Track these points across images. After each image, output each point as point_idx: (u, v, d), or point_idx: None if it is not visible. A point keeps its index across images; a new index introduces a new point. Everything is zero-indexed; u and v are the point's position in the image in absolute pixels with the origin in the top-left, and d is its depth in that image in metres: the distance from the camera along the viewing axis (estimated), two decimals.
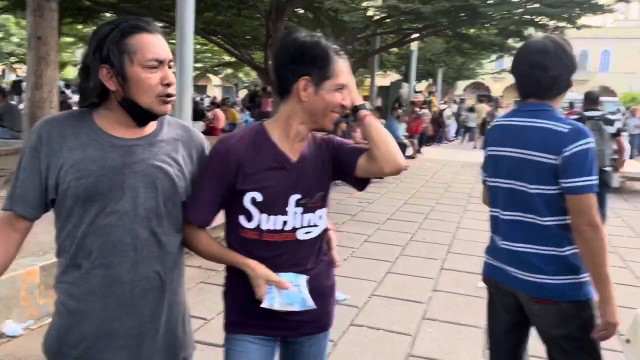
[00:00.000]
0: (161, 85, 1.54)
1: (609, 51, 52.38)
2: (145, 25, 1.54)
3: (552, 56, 2.01)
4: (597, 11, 12.66)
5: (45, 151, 1.53)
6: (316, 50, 1.67)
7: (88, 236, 1.54)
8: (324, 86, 1.67)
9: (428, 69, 26.47)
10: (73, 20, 13.91)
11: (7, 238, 1.58)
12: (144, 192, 1.56)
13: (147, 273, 1.59)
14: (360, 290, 4.65)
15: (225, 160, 1.67)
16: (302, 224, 1.73)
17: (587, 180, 1.90)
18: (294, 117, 1.72)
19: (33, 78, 6.68)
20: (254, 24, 15.09)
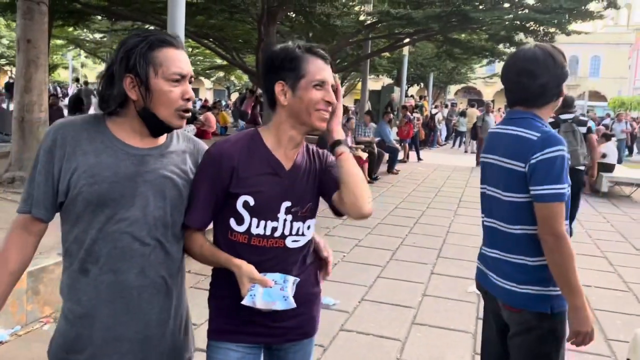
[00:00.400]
0: (182, 99, 1.59)
1: (599, 56, 52.85)
2: (172, 40, 1.60)
3: (540, 64, 2.00)
4: (586, 17, 12.77)
5: (59, 154, 1.56)
6: (283, 54, 1.70)
7: (97, 242, 1.57)
8: (300, 86, 1.68)
9: (419, 73, 26.59)
10: (64, 23, 13.86)
11: (24, 241, 1.62)
12: (154, 201, 1.61)
13: (154, 278, 1.63)
14: (350, 295, 4.65)
15: (219, 163, 1.68)
16: (291, 231, 1.74)
17: (553, 189, 1.86)
18: (283, 123, 1.73)
19: (22, 81, 6.65)
20: (246, 28, 15.13)
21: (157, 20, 12.88)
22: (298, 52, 1.70)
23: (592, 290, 5.17)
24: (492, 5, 12.16)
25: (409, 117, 15.49)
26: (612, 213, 9.50)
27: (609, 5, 12.12)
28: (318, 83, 1.68)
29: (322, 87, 1.69)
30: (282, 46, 1.74)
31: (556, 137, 1.92)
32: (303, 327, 1.82)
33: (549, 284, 1.95)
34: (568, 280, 1.87)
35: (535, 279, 1.98)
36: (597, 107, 36.46)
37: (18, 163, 6.85)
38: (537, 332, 1.99)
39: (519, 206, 1.98)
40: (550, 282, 1.95)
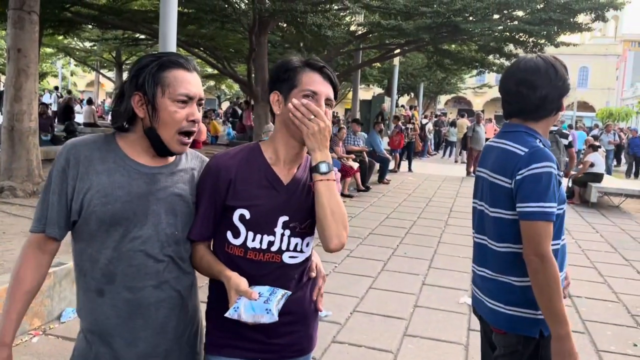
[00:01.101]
0: (186, 120, 1.61)
1: (587, 67, 53.48)
2: (184, 62, 1.63)
3: (542, 75, 1.90)
4: (575, 29, 12.94)
5: (72, 174, 1.59)
6: (282, 65, 1.73)
7: (112, 262, 1.60)
8: (291, 95, 1.68)
9: (410, 83, 26.75)
10: (54, 32, 13.81)
11: (39, 260, 1.63)
12: (165, 219, 1.64)
13: (170, 293, 1.66)
14: (342, 306, 4.64)
15: (216, 176, 1.69)
16: (288, 247, 1.72)
17: (538, 207, 1.76)
18: (279, 134, 1.74)
19: (12, 90, 6.61)
20: (237, 37, 15.17)
21: (148, 29, 12.88)
22: (295, 64, 1.71)
23: (582, 301, 5.19)
24: (482, 17, 12.28)
25: (400, 127, 15.56)
26: (601, 223, 9.56)
27: (597, 17, 12.28)
28: (308, 93, 1.67)
29: (314, 99, 1.67)
30: (284, 59, 1.76)
31: (544, 152, 1.82)
32: (298, 344, 1.80)
33: (536, 307, 1.83)
34: (552, 305, 1.75)
35: (523, 300, 1.87)
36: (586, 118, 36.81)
37: (7, 172, 6.79)
38: (520, 357, 1.89)
39: (505, 223, 1.89)
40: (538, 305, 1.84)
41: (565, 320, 1.75)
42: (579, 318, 4.77)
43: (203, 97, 1.67)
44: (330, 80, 1.72)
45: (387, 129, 17.51)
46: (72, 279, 3.95)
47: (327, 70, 1.73)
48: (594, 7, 11.97)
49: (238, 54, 16.81)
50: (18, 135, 6.72)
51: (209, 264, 1.71)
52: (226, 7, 11.35)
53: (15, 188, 6.62)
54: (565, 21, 12.26)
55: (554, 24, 12.26)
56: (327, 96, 1.70)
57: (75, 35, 17.55)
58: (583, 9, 11.95)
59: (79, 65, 35.04)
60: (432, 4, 11.95)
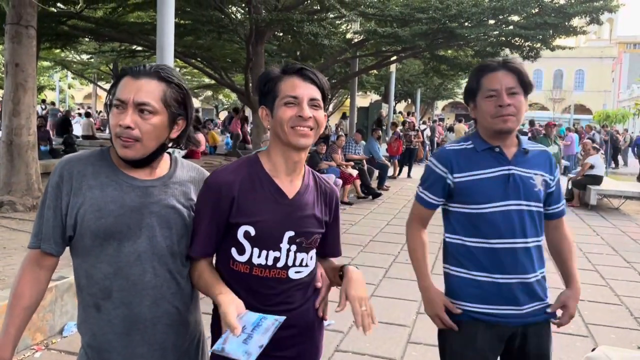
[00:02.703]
0: (117, 126, 1.56)
1: (583, 70, 53.64)
2: (132, 70, 1.60)
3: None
4: (570, 33, 12.99)
5: (66, 189, 1.59)
6: (262, 78, 1.71)
7: (108, 277, 1.59)
8: (275, 106, 1.66)
9: (407, 89, 26.82)
10: (51, 45, 13.83)
11: (37, 276, 1.63)
12: (160, 232, 1.62)
13: (167, 309, 1.64)
14: (344, 315, 4.60)
15: (218, 193, 1.65)
16: (294, 262, 1.70)
17: (417, 189, 2.21)
18: (273, 146, 1.72)
19: (11, 105, 6.62)
20: (234, 48, 15.19)
21: (144, 41, 12.91)
22: (272, 74, 1.68)
23: (585, 305, 5.18)
24: (477, 22, 12.33)
25: (399, 133, 15.58)
26: (601, 226, 9.56)
27: (592, 20, 12.33)
28: (288, 100, 1.63)
29: (295, 104, 1.63)
30: (264, 71, 1.74)
31: (435, 152, 2.21)
32: (304, 356, 1.78)
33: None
34: (414, 265, 2.24)
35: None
36: (583, 120, 36.87)
37: (6, 187, 6.79)
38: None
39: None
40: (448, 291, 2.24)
41: (422, 277, 2.21)
42: (582, 321, 4.76)
43: (144, 101, 1.56)
44: (312, 81, 1.66)
45: (385, 135, 17.54)
46: (73, 292, 3.93)
47: (307, 71, 1.67)
48: (589, 11, 12.02)
49: (235, 63, 16.83)
50: (17, 149, 6.72)
51: (206, 285, 1.66)
52: (223, 18, 11.38)
53: (15, 202, 6.61)
54: (561, 25, 12.30)
55: (549, 28, 12.30)
56: (310, 97, 1.64)
57: (73, 48, 17.60)
58: (578, 12, 12.00)
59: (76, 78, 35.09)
60: (428, 10, 11.99)
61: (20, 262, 1.68)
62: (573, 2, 12.23)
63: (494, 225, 2.02)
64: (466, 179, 2.05)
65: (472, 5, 11.99)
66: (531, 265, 2.07)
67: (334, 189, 1.86)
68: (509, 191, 2.01)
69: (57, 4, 10.07)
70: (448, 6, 11.82)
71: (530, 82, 2.02)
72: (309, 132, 1.65)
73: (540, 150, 2.16)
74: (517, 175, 2.02)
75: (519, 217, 2.02)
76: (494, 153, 2.05)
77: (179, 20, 11.50)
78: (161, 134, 1.61)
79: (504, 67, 1.99)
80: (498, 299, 2.04)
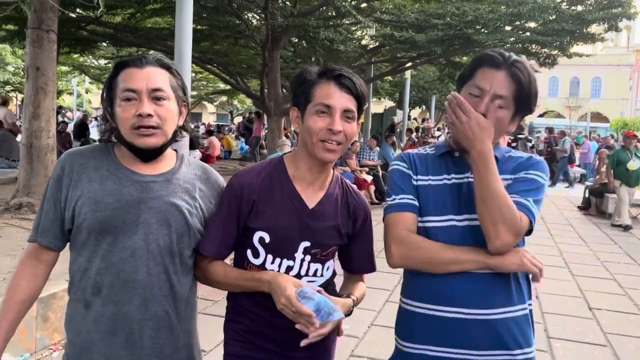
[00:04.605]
0: (134, 116, 1.51)
1: (599, 78, 53.15)
2: (133, 61, 1.57)
3: None
4: (588, 40, 12.91)
5: (66, 182, 1.57)
6: (297, 79, 1.64)
7: (100, 273, 1.54)
8: (306, 112, 1.59)
9: (421, 96, 26.76)
10: (70, 50, 14.02)
11: (34, 270, 1.60)
12: (157, 229, 1.56)
13: (156, 312, 1.57)
14: (359, 320, 4.61)
15: (240, 196, 1.63)
16: (307, 272, 1.67)
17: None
18: (299, 151, 1.67)
19: (31, 108, 6.70)
20: (250, 53, 15.29)
21: (162, 46, 13.04)
22: (308, 76, 1.61)
23: (603, 314, 5.12)
24: (494, 28, 12.29)
25: (413, 139, 15.55)
26: (619, 235, 9.44)
27: (610, 27, 12.24)
28: (321, 108, 1.55)
29: (327, 114, 1.55)
30: (301, 70, 1.67)
31: (402, 154, 1.78)
32: (318, 358, 1.75)
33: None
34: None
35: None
36: (600, 129, 36.44)
37: (26, 189, 6.87)
38: None
39: None
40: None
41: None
42: (601, 331, 4.70)
43: (158, 87, 1.54)
44: (348, 90, 1.57)
45: (400, 141, 17.51)
46: None
47: (346, 79, 1.56)
48: (607, 17, 11.94)
49: (250, 69, 16.93)
50: (36, 152, 6.81)
51: (239, 276, 1.64)
52: (239, 24, 11.47)
53: (34, 204, 6.68)
54: (578, 32, 12.23)
55: (566, 34, 12.24)
56: (344, 108, 1.55)
57: (91, 53, 17.80)
58: (596, 19, 11.93)
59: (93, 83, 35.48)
60: (444, 16, 11.98)
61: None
62: (591, 9, 12.15)
63: (448, 241, 1.61)
64: (422, 183, 1.68)
65: (488, 11, 11.96)
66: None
67: (363, 203, 1.77)
68: (461, 203, 1.63)
69: (77, 9, 10.20)
70: (464, 12, 11.80)
71: (529, 101, 1.61)
72: (335, 148, 1.57)
73: (517, 156, 1.72)
74: (472, 184, 1.58)
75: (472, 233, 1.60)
76: (453, 158, 1.69)
77: (196, 26, 11.61)
78: (175, 119, 1.60)
79: (508, 68, 1.58)
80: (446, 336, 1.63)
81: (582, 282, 6.19)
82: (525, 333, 1.60)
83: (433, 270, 1.58)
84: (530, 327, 1.63)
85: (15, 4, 5.63)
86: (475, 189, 1.53)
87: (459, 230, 1.61)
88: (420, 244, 1.60)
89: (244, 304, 1.69)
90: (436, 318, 1.59)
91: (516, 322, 1.58)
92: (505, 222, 1.48)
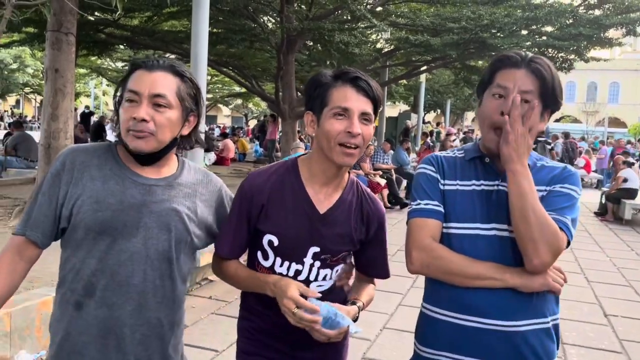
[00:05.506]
0: (131, 119, 1.49)
1: (617, 83, 52.57)
2: (145, 63, 1.56)
3: None
4: (605, 44, 12.78)
5: (66, 178, 1.52)
6: (312, 83, 1.62)
7: (95, 274, 1.50)
8: (323, 115, 1.57)
9: (436, 100, 26.67)
10: (88, 53, 14.20)
11: (14, 266, 1.53)
12: (157, 234, 1.54)
13: (149, 318, 1.55)
14: (371, 323, 4.61)
15: (250, 199, 1.63)
16: (316, 277, 1.66)
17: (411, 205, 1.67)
18: (314, 156, 1.65)
19: (50, 109, 6.80)
20: (265, 56, 15.36)
21: (178, 49, 13.16)
22: (324, 79, 1.59)
23: (619, 320, 5.06)
24: (510, 32, 12.22)
25: (429, 143, 15.50)
26: (636, 241, 9.32)
27: (628, 32, 12.12)
28: (339, 111, 1.53)
29: (345, 117, 1.54)
30: (316, 73, 1.65)
31: (425, 158, 1.74)
32: (325, 359, 1.74)
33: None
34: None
35: None
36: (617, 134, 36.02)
37: None
38: None
39: None
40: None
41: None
42: (616, 337, 4.65)
43: (160, 93, 1.51)
44: (365, 92, 1.55)
45: (415, 145, 17.47)
46: None
47: (362, 81, 1.55)
48: (625, 22, 11.82)
49: (265, 72, 17.00)
50: (54, 152, 6.89)
51: (249, 275, 1.66)
52: (255, 27, 11.54)
53: None
54: (596, 36, 12.12)
55: (583, 39, 12.13)
56: (361, 111, 1.54)
57: (108, 56, 18.01)
58: (614, 23, 11.82)
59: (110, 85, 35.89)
60: (460, 20, 11.95)
61: (53, 259, 1.61)
62: (609, 13, 12.05)
63: (472, 250, 1.58)
64: (450, 188, 1.64)
65: (504, 15, 11.90)
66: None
67: (379, 210, 1.74)
68: (490, 211, 1.58)
69: (96, 12, 10.33)
70: (480, 16, 11.76)
71: (555, 95, 1.56)
72: (354, 152, 1.56)
73: (551, 165, 1.66)
74: (503, 193, 1.56)
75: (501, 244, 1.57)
76: (483, 164, 1.64)
77: (212, 29, 11.70)
78: (174, 128, 1.55)
79: (527, 65, 1.55)
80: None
81: (598, 289, 6.13)
82: (547, 346, 1.57)
83: (453, 282, 1.56)
84: (554, 340, 1.60)
85: (36, 7, 5.71)
86: (514, 205, 1.49)
87: (485, 239, 1.56)
88: (442, 254, 1.56)
89: (253, 303, 1.71)
90: (456, 326, 1.57)
91: (537, 335, 1.55)
92: (546, 242, 1.45)
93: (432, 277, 1.64)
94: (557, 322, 1.61)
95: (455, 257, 1.55)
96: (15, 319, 3.43)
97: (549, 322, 1.58)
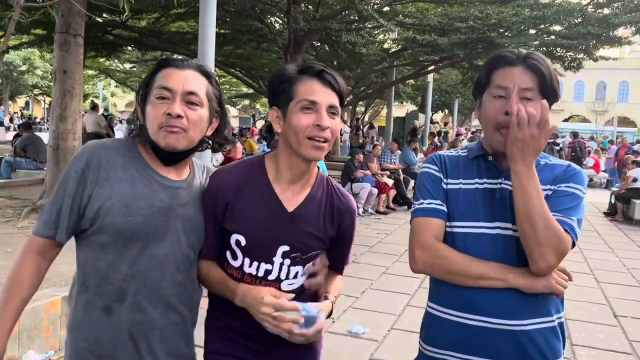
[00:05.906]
0: (162, 115, 1.48)
1: (627, 82, 52.19)
2: (174, 62, 1.56)
3: None
4: (614, 43, 12.70)
5: (91, 178, 1.47)
6: (275, 78, 1.57)
7: (126, 279, 1.49)
8: (289, 110, 1.52)
9: (444, 99, 26.59)
10: (96, 54, 14.28)
11: (39, 267, 1.52)
12: (184, 237, 1.55)
13: (176, 318, 1.57)
14: (379, 324, 4.60)
15: (214, 197, 1.59)
16: (287, 276, 1.61)
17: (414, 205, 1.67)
18: (281, 152, 1.59)
19: (58, 110, 6.84)
20: (272, 57, 15.40)
21: (186, 50, 13.21)
22: (289, 73, 1.54)
23: (629, 321, 5.02)
24: (518, 32, 12.17)
25: (436, 143, 15.47)
26: None
27: (637, 31, 12.03)
28: (306, 105, 1.49)
29: (313, 110, 1.50)
30: (278, 69, 1.60)
31: (429, 157, 1.73)
32: (303, 357, 1.69)
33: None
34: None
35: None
36: (627, 133, 35.75)
37: (52, 190, 6.99)
38: None
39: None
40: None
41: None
42: (626, 338, 4.61)
43: (194, 90, 1.51)
44: (331, 86, 1.52)
45: (422, 145, 17.43)
46: None
47: (327, 74, 1.52)
48: (634, 21, 11.74)
49: None
50: (63, 153, 6.94)
51: (218, 280, 1.61)
52: (262, 28, 11.56)
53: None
54: (604, 35, 12.04)
55: (592, 38, 12.06)
56: (328, 104, 1.51)
57: (116, 57, 18.11)
58: (623, 22, 11.74)
59: (118, 86, 36.09)
60: (467, 19, 11.91)
61: (62, 260, 1.60)
62: (618, 12, 11.97)
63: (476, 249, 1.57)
64: (453, 187, 1.63)
65: (512, 14, 11.86)
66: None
67: (349, 207, 1.69)
68: (494, 209, 1.57)
69: (104, 14, 10.39)
70: (488, 15, 11.72)
71: (554, 88, 1.55)
72: (323, 145, 1.52)
73: (554, 164, 1.64)
74: (507, 191, 1.56)
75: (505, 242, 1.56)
76: (486, 162, 1.63)
77: (219, 30, 11.74)
78: (204, 127, 1.55)
79: (523, 62, 1.53)
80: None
81: (608, 289, 6.08)
82: (552, 345, 1.55)
83: (456, 282, 1.54)
84: (559, 339, 1.58)
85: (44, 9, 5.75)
86: (519, 207, 1.47)
87: (489, 238, 1.55)
88: (446, 254, 1.55)
89: (222, 301, 1.64)
90: (461, 325, 1.56)
91: (542, 334, 1.53)
92: (552, 245, 1.44)
93: (435, 277, 1.63)
94: (563, 320, 1.60)
95: (458, 257, 1.54)
96: (24, 319, 3.44)
97: (554, 321, 1.56)
